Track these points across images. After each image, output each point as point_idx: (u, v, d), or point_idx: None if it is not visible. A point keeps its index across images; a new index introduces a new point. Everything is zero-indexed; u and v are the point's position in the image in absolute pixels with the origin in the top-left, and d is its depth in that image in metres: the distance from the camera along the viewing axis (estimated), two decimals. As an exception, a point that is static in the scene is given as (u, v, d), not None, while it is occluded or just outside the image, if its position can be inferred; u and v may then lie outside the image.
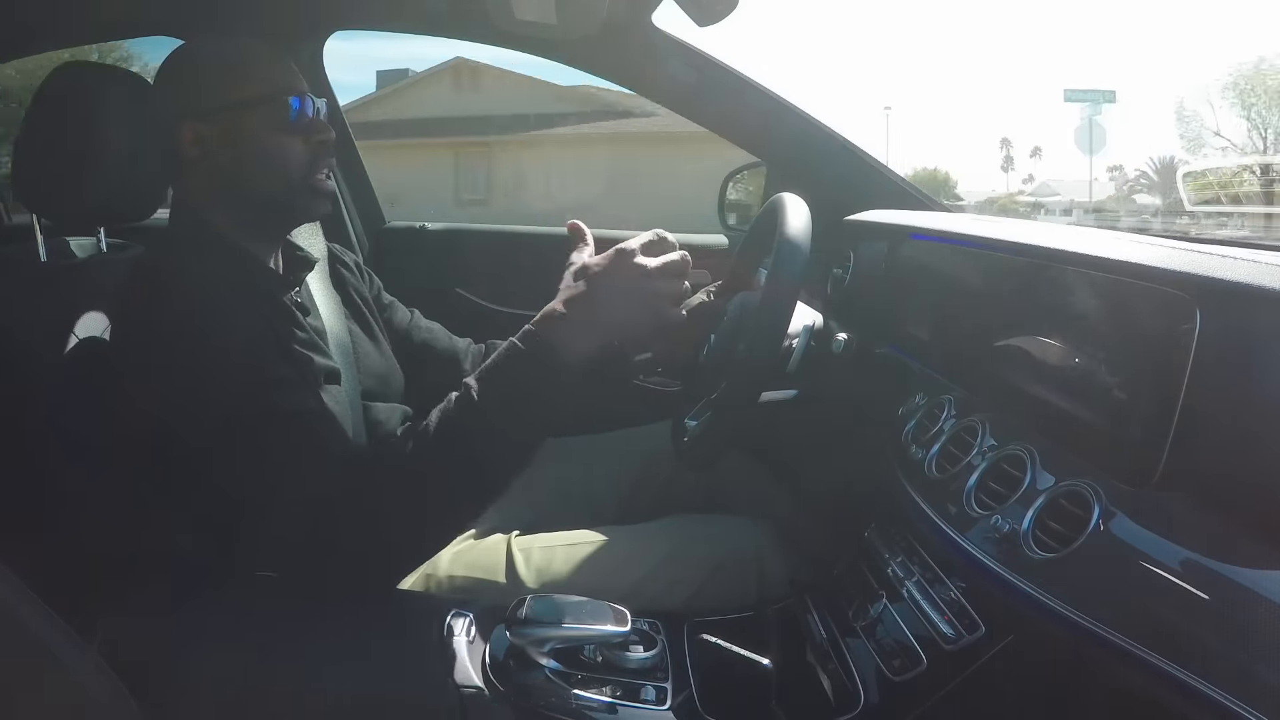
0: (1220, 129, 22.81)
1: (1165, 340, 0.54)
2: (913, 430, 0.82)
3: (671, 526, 0.92)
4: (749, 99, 1.33)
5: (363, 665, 0.62)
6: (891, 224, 1.12)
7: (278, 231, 0.85)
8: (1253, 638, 0.43)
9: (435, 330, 1.10)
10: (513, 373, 0.68)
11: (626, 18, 1.24)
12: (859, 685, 0.68)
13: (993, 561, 0.60)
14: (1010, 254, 0.79)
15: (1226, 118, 23.11)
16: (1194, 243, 0.65)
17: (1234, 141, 22.80)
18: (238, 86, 0.77)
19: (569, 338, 0.68)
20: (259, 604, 0.70)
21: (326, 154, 0.82)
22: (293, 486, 0.66)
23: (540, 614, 0.64)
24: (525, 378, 0.67)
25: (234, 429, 0.67)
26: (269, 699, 0.62)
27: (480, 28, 1.31)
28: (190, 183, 0.80)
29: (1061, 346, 0.66)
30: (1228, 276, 0.52)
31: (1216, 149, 23.13)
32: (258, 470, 0.67)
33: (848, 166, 1.32)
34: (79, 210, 0.82)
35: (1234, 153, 22.86)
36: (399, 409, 0.96)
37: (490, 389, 0.67)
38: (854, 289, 1.13)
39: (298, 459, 0.67)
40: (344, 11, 1.41)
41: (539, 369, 0.67)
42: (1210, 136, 22.88)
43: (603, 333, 0.69)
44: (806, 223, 0.78)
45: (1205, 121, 23.09)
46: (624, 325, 0.71)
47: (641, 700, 0.63)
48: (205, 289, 0.72)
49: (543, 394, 0.68)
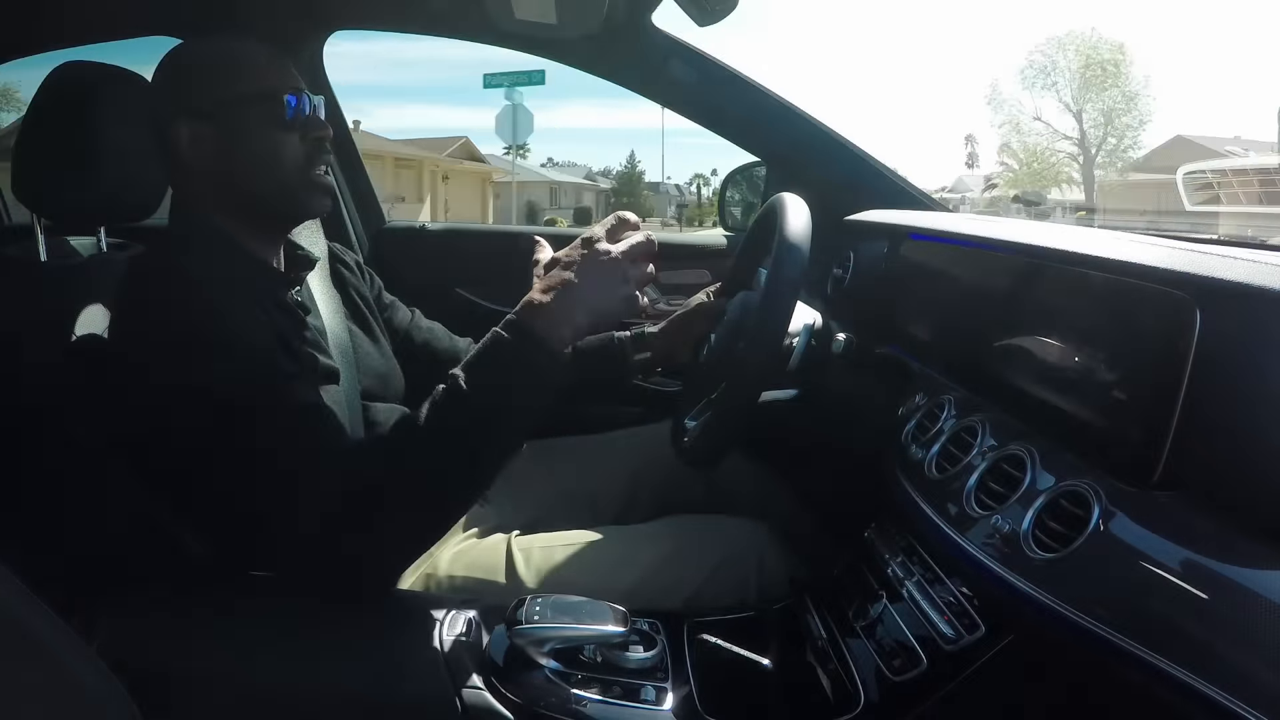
0: (1041, 113, 22.59)
1: (1165, 340, 0.54)
2: (913, 430, 0.82)
3: (671, 526, 0.92)
4: (749, 99, 1.33)
5: (363, 665, 0.62)
6: (891, 224, 1.12)
7: (278, 230, 0.85)
8: (1253, 638, 0.43)
9: (436, 330, 1.10)
10: (498, 361, 0.68)
11: (626, 18, 1.25)
12: (859, 685, 0.68)
13: (993, 561, 0.60)
14: (1010, 254, 0.79)
15: (1045, 100, 22.97)
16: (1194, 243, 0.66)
17: (1052, 124, 22.52)
18: (233, 85, 0.77)
19: (549, 325, 0.69)
20: (259, 604, 0.70)
21: (323, 151, 0.82)
22: (291, 486, 0.66)
23: (540, 614, 0.64)
24: (511, 365, 0.68)
25: (233, 428, 0.67)
26: (269, 699, 0.62)
27: (480, 27, 1.31)
28: (189, 182, 0.80)
29: (1061, 346, 0.66)
30: (1228, 276, 0.52)
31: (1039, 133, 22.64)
32: (256, 470, 0.67)
33: (848, 166, 1.32)
34: (79, 210, 0.82)
35: (1057, 137, 22.49)
36: (398, 409, 0.96)
37: (477, 378, 0.68)
38: (854, 289, 1.13)
39: (297, 458, 0.67)
40: (344, 11, 1.41)
41: (524, 355, 0.68)
42: (1029, 121, 22.74)
43: (581, 317, 0.70)
44: (806, 223, 0.78)
45: (1024, 105, 23.02)
46: (600, 309, 0.71)
47: (641, 700, 0.63)
48: (205, 288, 0.72)
49: (528, 380, 0.69)
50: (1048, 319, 0.69)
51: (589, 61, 1.39)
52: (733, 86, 1.33)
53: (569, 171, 40.61)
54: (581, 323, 0.70)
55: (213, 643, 0.64)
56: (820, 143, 1.33)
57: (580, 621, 0.64)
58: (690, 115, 1.38)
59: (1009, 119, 23.05)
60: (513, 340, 0.68)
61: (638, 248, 0.72)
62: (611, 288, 0.71)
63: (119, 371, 0.74)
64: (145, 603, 0.69)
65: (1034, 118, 22.80)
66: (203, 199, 0.80)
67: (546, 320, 0.69)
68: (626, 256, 0.71)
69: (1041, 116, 22.71)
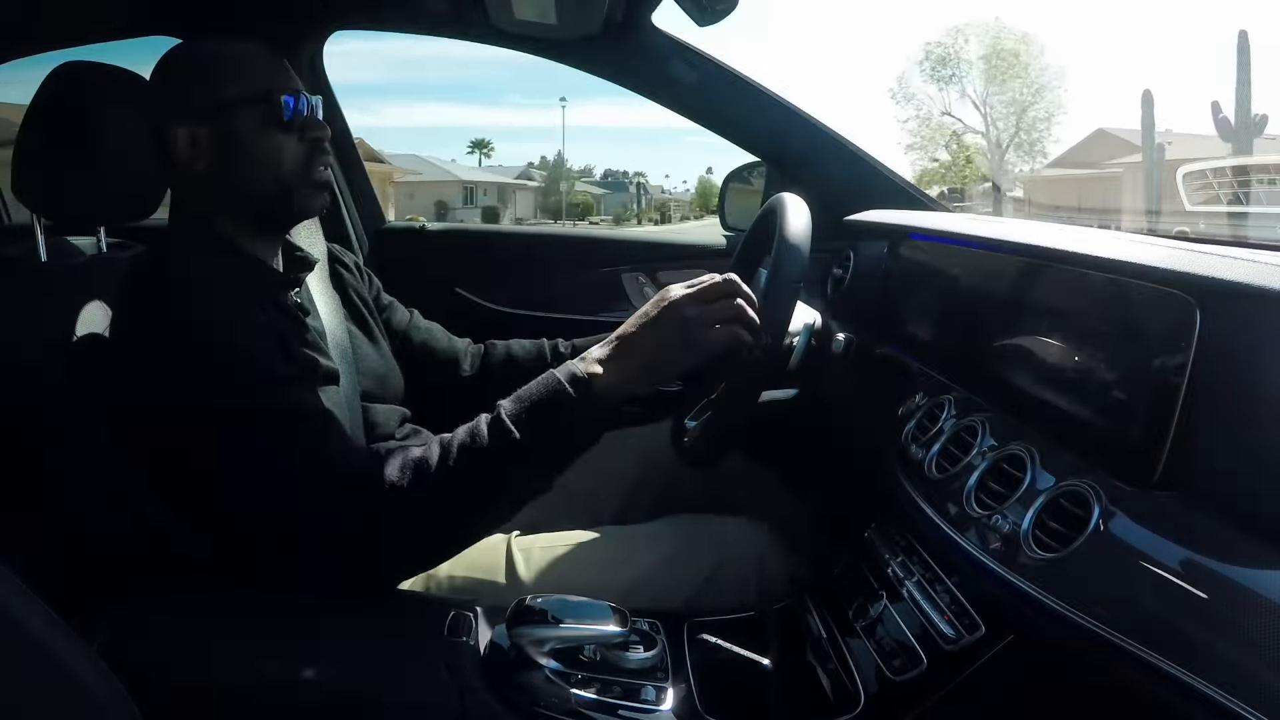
0: (950, 107, 22.03)
1: (1165, 340, 0.54)
2: (913, 430, 0.82)
3: (671, 526, 0.92)
4: (749, 99, 1.33)
5: (362, 665, 0.62)
6: (891, 224, 1.12)
7: (277, 230, 0.85)
8: (1253, 638, 0.43)
9: (435, 330, 1.10)
10: (553, 411, 0.68)
11: (626, 18, 1.25)
12: (859, 685, 0.68)
13: (993, 561, 0.60)
14: (1010, 254, 0.79)
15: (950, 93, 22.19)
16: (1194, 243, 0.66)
17: (964, 120, 21.97)
18: (230, 86, 0.77)
19: (608, 386, 0.69)
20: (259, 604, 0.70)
21: (322, 151, 0.81)
22: (291, 487, 0.66)
23: (540, 614, 0.64)
24: (566, 421, 0.68)
25: (233, 429, 0.67)
26: (268, 699, 0.62)
27: (480, 27, 1.31)
28: (188, 184, 0.80)
29: (1061, 346, 0.66)
30: (1228, 276, 0.52)
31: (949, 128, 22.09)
32: (256, 471, 0.67)
33: (848, 166, 1.32)
34: (79, 210, 0.82)
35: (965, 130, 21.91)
36: (398, 410, 0.96)
37: (526, 422, 0.67)
38: (854, 289, 1.13)
39: (297, 460, 0.67)
40: (344, 11, 1.41)
41: (579, 411, 0.68)
42: (938, 116, 22.21)
43: (643, 379, 0.70)
44: (806, 223, 0.78)
45: (935, 102, 22.45)
46: (661, 373, 0.71)
47: (641, 700, 0.63)
48: (205, 289, 0.72)
49: (579, 438, 0.69)
50: (1047, 319, 0.69)
51: (589, 61, 1.39)
52: (733, 86, 1.33)
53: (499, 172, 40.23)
54: (641, 384, 0.70)
55: (212, 643, 0.64)
56: (820, 143, 1.33)
57: (580, 621, 0.64)
58: (690, 115, 1.38)
59: (918, 114, 22.50)
60: (577, 398, 0.67)
61: (709, 291, 0.72)
62: (675, 347, 0.70)
63: (119, 372, 0.74)
64: (145, 603, 0.69)
65: (942, 112, 22.30)
66: (201, 200, 0.80)
67: (607, 382, 0.68)
68: (697, 304, 0.70)
69: (951, 111, 22.18)
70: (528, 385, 0.70)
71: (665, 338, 0.70)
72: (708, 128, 1.37)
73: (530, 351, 1.10)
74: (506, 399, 0.70)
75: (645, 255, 1.54)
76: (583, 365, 0.70)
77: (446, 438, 0.69)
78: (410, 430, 0.97)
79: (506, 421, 0.67)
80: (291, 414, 0.69)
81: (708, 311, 0.70)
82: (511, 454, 0.66)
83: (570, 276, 1.55)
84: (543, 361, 1.08)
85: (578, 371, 0.69)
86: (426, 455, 0.68)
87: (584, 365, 0.70)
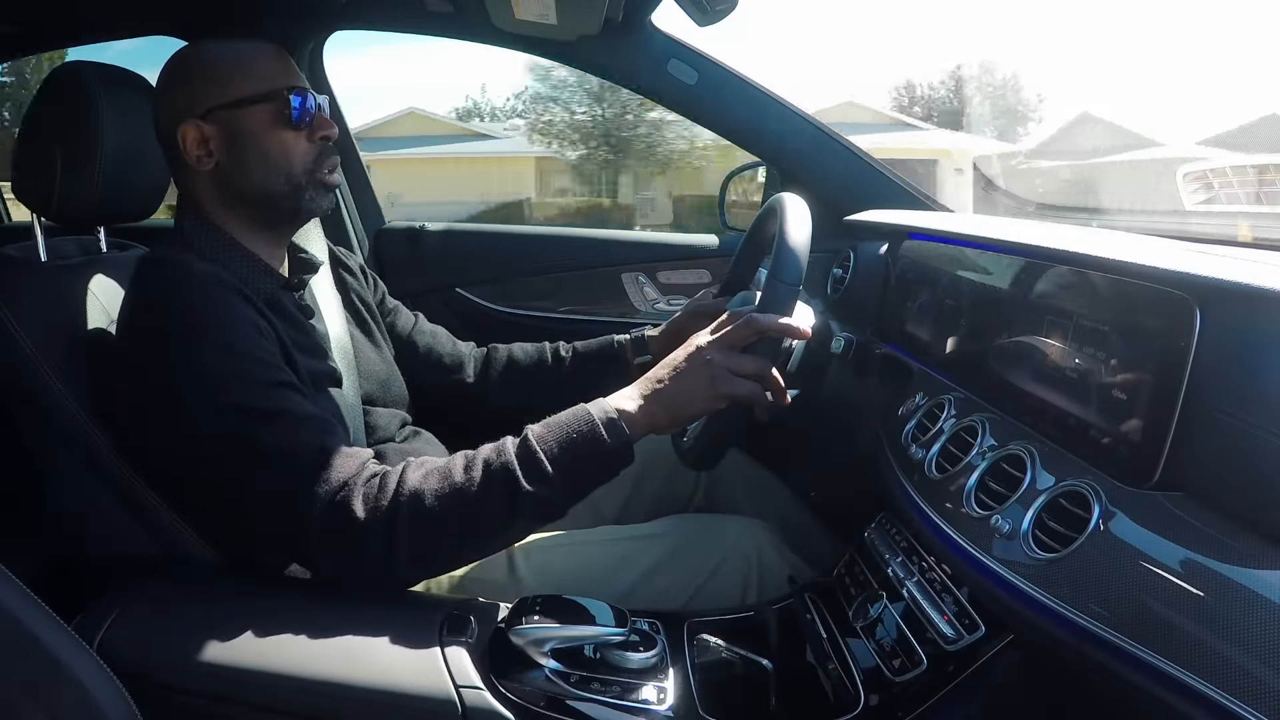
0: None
1: (1165, 340, 0.54)
2: (913, 430, 0.82)
3: (671, 526, 0.92)
4: (749, 99, 1.33)
5: (363, 665, 0.62)
6: (891, 224, 1.12)
7: (283, 230, 0.85)
8: (1252, 638, 0.43)
9: (439, 335, 1.10)
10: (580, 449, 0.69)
11: (626, 18, 1.25)
12: (859, 685, 0.68)
13: (992, 561, 0.60)
14: (1010, 254, 0.79)
15: None
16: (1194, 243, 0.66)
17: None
18: (239, 85, 0.77)
19: (634, 425, 0.71)
20: (259, 603, 0.70)
21: (330, 150, 0.82)
22: (291, 488, 0.66)
23: (540, 614, 0.64)
24: (590, 453, 0.70)
25: (235, 430, 0.67)
26: (268, 699, 0.62)
27: (480, 27, 1.31)
28: (195, 184, 0.80)
29: (1061, 347, 0.66)
30: (1228, 276, 0.52)
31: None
32: (257, 471, 0.67)
33: (848, 166, 1.32)
34: (79, 210, 0.82)
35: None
36: (398, 414, 0.96)
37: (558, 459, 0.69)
38: (854, 289, 1.13)
39: (297, 461, 0.67)
40: (344, 11, 1.41)
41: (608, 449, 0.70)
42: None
43: (663, 418, 0.72)
44: (807, 223, 0.78)
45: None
46: (682, 416, 0.73)
47: (641, 700, 0.63)
48: (210, 289, 0.72)
49: (602, 474, 0.71)
50: (1047, 319, 0.69)
51: (589, 61, 1.39)
52: (733, 87, 1.33)
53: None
54: (664, 425, 0.72)
55: (212, 643, 0.64)
56: (820, 143, 1.33)
57: (580, 621, 0.64)
58: (690, 115, 1.38)
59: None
60: (607, 435, 0.69)
61: (734, 336, 0.73)
62: (700, 394, 0.72)
63: (120, 372, 0.74)
64: (145, 603, 0.69)
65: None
66: (208, 200, 0.80)
67: (634, 420, 0.71)
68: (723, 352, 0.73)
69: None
70: (557, 415, 0.72)
71: (691, 384, 0.72)
72: (708, 128, 1.37)
73: (531, 355, 1.10)
74: (535, 424, 0.71)
75: (645, 255, 1.54)
76: (613, 403, 0.72)
77: (470, 453, 0.70)
78: (410, 433, 0.97)
79: (535, 446, 0.68)
80: (293, 415, 0.69)
81: (734, 362, 0.73)
82: (537, 478, 0.67)
83: (570, 276, 1.56)
84: (543, 365, 1.08)
85: (609, 409, 0.71)
86: (450, 466, 0.69)
87: (614, 403, 0.72)
